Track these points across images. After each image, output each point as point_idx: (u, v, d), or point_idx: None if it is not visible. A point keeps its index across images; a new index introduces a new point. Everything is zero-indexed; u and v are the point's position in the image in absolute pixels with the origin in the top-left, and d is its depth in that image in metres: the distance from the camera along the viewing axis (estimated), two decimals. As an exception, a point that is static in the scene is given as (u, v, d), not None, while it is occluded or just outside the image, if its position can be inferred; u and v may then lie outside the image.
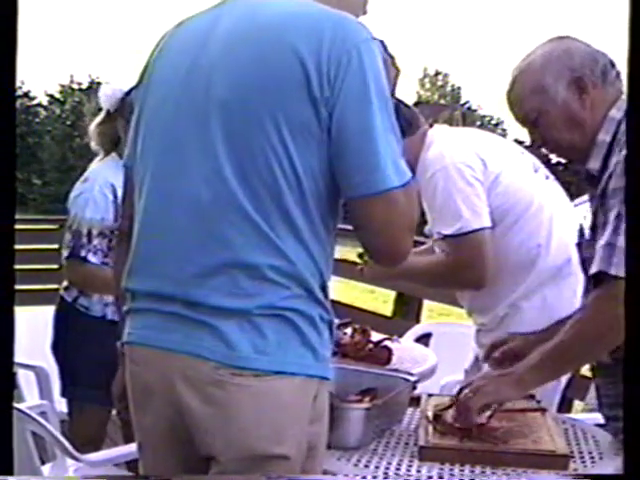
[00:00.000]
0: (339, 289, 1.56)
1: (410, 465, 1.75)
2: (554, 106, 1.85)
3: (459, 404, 1.83)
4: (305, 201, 1.43)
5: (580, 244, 1.92)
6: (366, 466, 1.75)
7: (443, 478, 1.70)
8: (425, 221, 2.50)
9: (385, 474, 1.72)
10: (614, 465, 1.77)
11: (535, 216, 2.42)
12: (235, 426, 1.42)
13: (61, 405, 2.97)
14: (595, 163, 1.81)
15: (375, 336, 2.69)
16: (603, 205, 1.74)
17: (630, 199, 1.35)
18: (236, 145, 1.43)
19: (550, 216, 2.44)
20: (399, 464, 1.76)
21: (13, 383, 2.86)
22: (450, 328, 3.59)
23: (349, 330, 2.68)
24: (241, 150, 1.42)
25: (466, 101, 51.61)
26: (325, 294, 1.49)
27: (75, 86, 43.80)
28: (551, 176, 2.56)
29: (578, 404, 3.37)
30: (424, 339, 3.50)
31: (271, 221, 1.42)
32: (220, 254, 1.43)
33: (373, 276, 2.82)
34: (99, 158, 2.91)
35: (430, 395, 2.10)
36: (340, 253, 2.65)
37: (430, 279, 2.61)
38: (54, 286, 3.09)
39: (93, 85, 43.28)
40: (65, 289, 2.89)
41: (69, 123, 42.23)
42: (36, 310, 3.61)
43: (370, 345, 2.61)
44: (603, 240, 1.69)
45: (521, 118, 1.91)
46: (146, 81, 1.60)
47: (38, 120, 42.71)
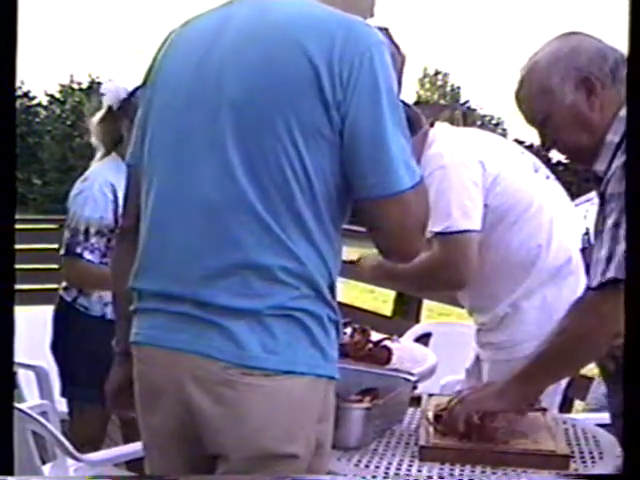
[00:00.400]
0: (339, 289, 1.55)
1: (410, 465, 1.75)
2: (561, 108, 1.79)
3: (447, 411, 1.83)
4: (316, 202, 1.43)
5: (585, 249, 1.88)
6: (366, 466, 1.75)
7: (443, 478, 1.70)
8: None
9: (385, 474, 1.72)
10: (614, 465, 1.77)
11: (535, 216, 2.42)
12: (246, 425, 1.42)
13: (61, 405, 2.97)
14: (602, 164, 1.75)
15: (375, 336, 2.69)
16: (603, 209, 1.70)
17: (630, 204, 1.33)
18: (247, 146, 1.43)
19: (550, 216, 2.43)
20: (399, 464, 1.76)
21: (13, 383, 2.86)
22: (450, 328, 3.59)
23: (349, 330, 2.68)
24: (252, 151, 1.42)
25: (466, 101, 51.57)
26: (333, 294, 1.50)
27: (75, 86, 43.77)
28: (552, 176, 2.56)
29: (578, 404, 3.37)
30: (424, 339, 3.49)
31: (282, 222, 1.42)
32: (230, 255, 1.43)
33: (364, 271, 2.75)
34: (99, 157, 2.91)
35: (431, 395, 2.10)
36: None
37: (412, 278, 2.58)
38: (54, 286, 3.09)
39: (93, 85, 43.27)
40: (64, 289, 2.89)
41: (69, 123, 42.19)
42: (36, 310, 3.61)
43: (370, 345, 2.61)
44: (603, 251, 1.63)
45: (529, 119, 1.87)
46: (152, 80, 1.59)
47: (38, 120, 42.68)
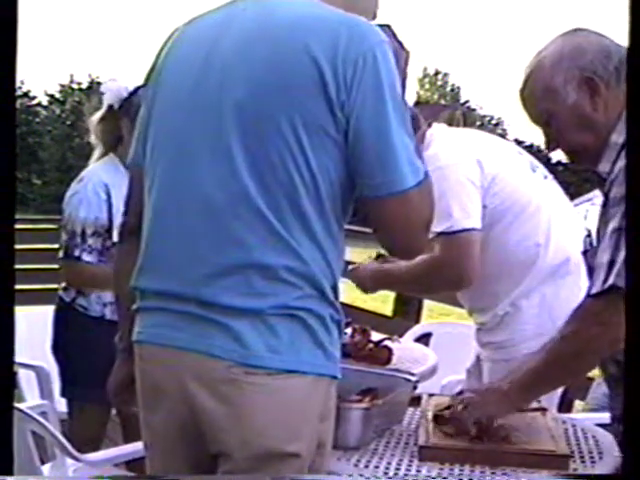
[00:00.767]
0: (339, 289, 1.55)
1: (410, 465, 1.75)
2: (565, 108, 1.76)
3: (453, 415, 1.83)
4: (320, 202, 1.43)
5: (586, 252, 1.86)
6: (366, 466, 1.75)
7: (443, 478, 1.70)
8: None
9: (385, 474, 1.72)
10: (614, 465, 1.77)
11: (533, 216, 2.42)
12: (249, 424, 1.43)
13: (61, 405, 2.97)
14: (605, 165, 1.72)
15: (375, 336, 2.69)
16: (605, 213, 1.67)
17: (630, 207, 1.31)
18: (251, 145, 1.42)
19: (548, 215, 2.44)
20: (399, 464, 1.76)
21: (13, 383, 2.86)
22: (450, 328, 3.59)
23: (349, 330, 2.68)
24: (256, 150, 1.42)
25: (466, 101, 51.59)
26: (336, 294, 1.50)
27: (75, 86, 43.77)
28: (549, 175, 2.56)
29: (578, 404, 3.37)
30: (424, 339, 3.50)
31: (286, 221, 1.42)
32: (234, 254, 1.43)
33: (364, 279, 2.72)
34: (96, 156, 2.91)
35: (431, 395, 2.10)
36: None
37: (414, 279, 2.54)
38: (54, 286, 3.09)
39: (93, 85, 43.27)
40: (64, 289, 2.89)
41: (69, 123, 42.18)
42: (36, 310, 3.61)
43: (370, 345, 2.61)
44: (605, 257, 1.60)
45: (533, 118, 1.85)
46: (154, 79, 1.59)
47: (38, 120, 42.67)
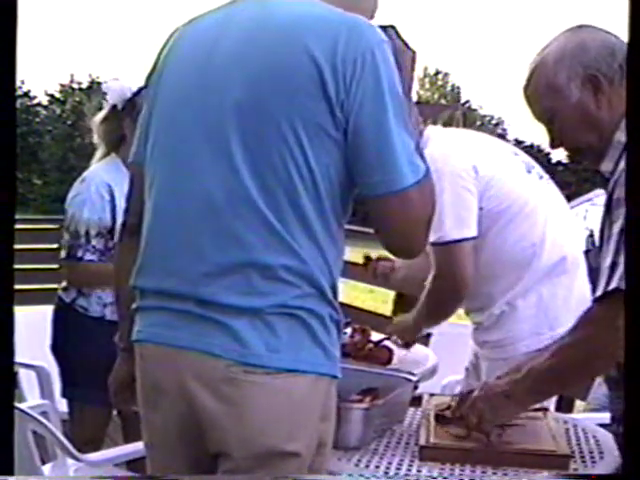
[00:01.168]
0: (339, 289, 1.55)
1: (410, 465, 1.75)
2: (568, 106, 1.74)
3: (460, 416, 1.81)
4: (320, 201, 1.44)
5: (588, 252, 1.84)
6: (367, 466, 1.75)
7: (443, 478, 1.70)
8: None
9: (385, 474, 1.72)
10: (614, 465, 1.77)
11: (529, 216, 2.43)
12: (248, 423, 1.43)
13: (62, 405, 2.97)
14: (608, 165, 1.69)
15: (375, 336, 2.69)
16: (608, 214, 1.64)
17: (631, 208, 1.30)
18: (251, 145, 1.43)
19: (544, 215, 2.45)
20: (399, 464, 1.76)
21: (14, 383, 2.86)
22: (450, 328, 3.57)
23: (349, 330, 2.68)
24: (256, 150, 1.42)
25: (466, 101, 51.61)
26: (335, 294, 1.50)
27: (75, 86, 43.79)
28: (545, 175, 2.56)
29: (579, 404, 3.37)
30: (424, 339, 3.49)
31: (285, 221, 1.42)
32: (233, 253, 1.43)
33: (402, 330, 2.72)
34: (98, 156, 2.91)
35: (432, 395, 2.10)
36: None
37: (426, 306, 2.53)
38: (54, 286, 3.09)
39: (93, 85, 43.29)
40: (63, 290, 2.88)
41: (69, 123, 42.19)
42: (36, 310, 3.62)
43: (370, 345, 2.61)
44: (607, 260, 1.57)
45: (537, 116, 1.83)
46: (155, 79, 1.59)
47: (38, 120, 42.68)
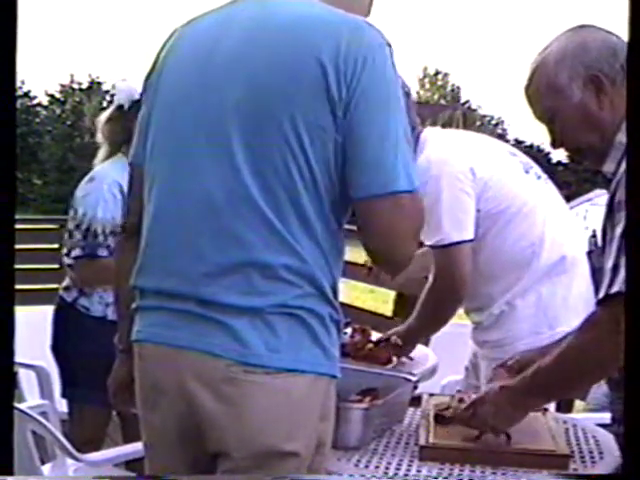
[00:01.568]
0: (339, 289, 1.55)
1: (410, 465, 1.75)
2: (569, 106, 1.73)
3: (458, 418, 1.81)
4: (320, 201, 1.43)
5: (591, 252, 1.83)
6: (366, 466, 1.75)
7: (443, 478, 1.70)
8: None
9: (385, 474, 1.72)
10: (614, 465, 1.77)
11: (527, 216, 2.43)
12: (248, 423, 1.43)
13: (62, 405, 2.97)
14: (610, 166, 1.66)
15: (375, 336, 2.69)
16: (611, 216, 1.62)
17: (631, 212, 1.29)
18: (252, 144, 1.43)
19: (543, 215, 2.45)
20: (399, 464, 1.76)
21: (14, 383, 2.86)
22: (450, 328, 3.55)
23: (349, 330, 2.68)
24: (257, 149, 1.42)
25: (466, 101, 51.62)
26: (335, 294, 1.50)
27: (75, 86, 43.79)
28: (543, 175, 2.56)
29: (579, 404, 3.37)
30: (424, 339, 3.49)
31: (286, 220, 1.42)
32: (234, 253, 1.43)
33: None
34: (102, 156, 2.89)
35: (431, 395, 2.10)
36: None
37: (424, 309, 2.56)
38: (54, 286, 3.09)
39: (93, 85, 43.30)
40: (65, 289, 2.88)
41: (69, 123, 42.20)
42: (36, 310, 3.62)
43: (370, 345, 2.61)
44: (610, 262, 1.55)
45: (538, 116, 1.82)
46: (155, 80, 1.59)
47: (38, 120, 42.68)
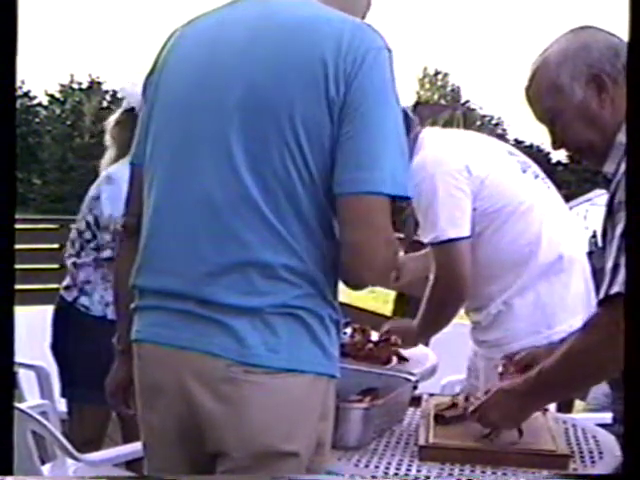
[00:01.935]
0: (339, 289, 1.55)
1: (410, 465, 1.75)
2: (571, 106, 1.72)
3: (461, 415, 1.82)
4: (319, 201, 1.43)
5: (592, 253, 1.82)
6: (366, 466, 1.75)
7: (443, 478, 1.70)
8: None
9: (385, 474, 1.72)
10: (614, 465, 1.77)
11: (524, 215, 2.43)
12: (247, 423, 1.43)
13: (62, 405, 2.97)
14: (611, 166, 1.65)
15: (375, 336, 2.69)
16: (610, 216, 1.61)
17: (631, 210, 1.29)
18: (252, 145, 1.43)
19: (540, 214, 2.45)
20: (399, 464, 1.76)
21: (13, 383, 2.86)
22: (450, 328, 3.56)
23: (349, 330, 2.68)
24: (256, 149, 1.42)
25: (466, 101, 51.65)
26: (334, 294, 1.50)
27: (75, 86, 43.81)
28: (541, 175, 2.56)
29: (578, 404, 3.37)
30: (424, 339, 3.48)
31: (285, 220, 1.42)
32: (234, 253, 1.43)
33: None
34: (111, 157, 2.86)
35: (431, 395, 2.10)
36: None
37: (427, 306, 2.55)
38: (54, 286, 3.09)
39: (93, 85, 43.32)
40: (65, 289, 2.88)
41: (69, 123, 42.22)
42: (36, 310, 3.61)
43: (370, 345, 2.61)
44: (610, 262, 1.54)
45: (539, 116, 1.81)
46: (155, 80, 1.59)
47: (38, 120, 42.71)
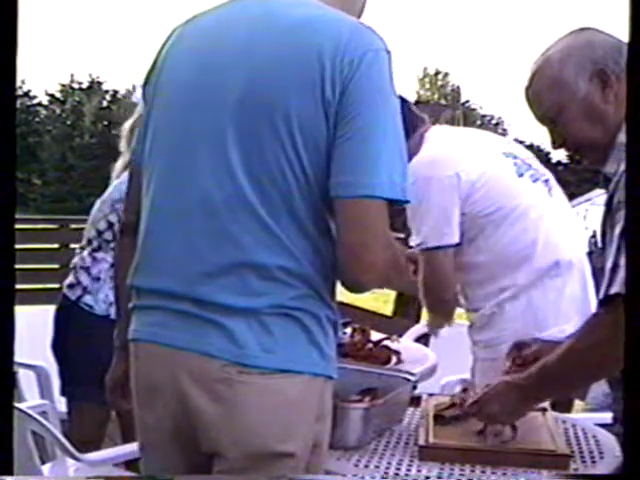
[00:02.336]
0: (339, 288, 1.56)
1: (410, 465, 1.75)
2: (575, 100, 1.72)
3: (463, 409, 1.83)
4: (315, 202, 1.43)
5: (591, 253, 1.82)
6: (366, 466, 1.75)
7: (443, 478, 1.70)
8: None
9: (385, 474, 1.72)
10: (614, 465, 1.77)
11: (519, 219, 2.41)
12: (242, 424, 1.43)
13: (61, 405, 2.97)
14: (612, 166, 1.63)
15: (375, 336, 2.69)
16: (610, 216, 1.61)
17: (631, 210, 1.28)
18: (247, 145, 1.43)
19: (537, 218, 2.42)
20: (399, 464, 1.76)
21: (13, 383, 2.86)
22: (450, 328, 3.57)
23: (349, 330, 2.68)
24: (252, 150, 1.42)
25: (466, 101, 51.67)
26: (332, 294, 1.49)
27: (75, 86, 43.84)
28: (542, 177, 2.53)
29: (578, 404, 3.37)
30: (424, 339, 3.49)
31: (281, 221, 1.42)
32: (230, 254, 1.43)
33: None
34: (125, 163, 2.83)
35: (431, 395, 2.10)
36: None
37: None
38: (54, 286, 3.09)
39: (93, 85, 43.34)
40: (69, 287, 2.87)
41: (69, 123, 42.25)
42: (36, 310, 3.61)
43: (370, 345, 2.61)
44: (609, 262, 1.54)
45: (540, 116, 1.81)
46: (154, 79, 1.59)
47: (38, 119, 42.74)
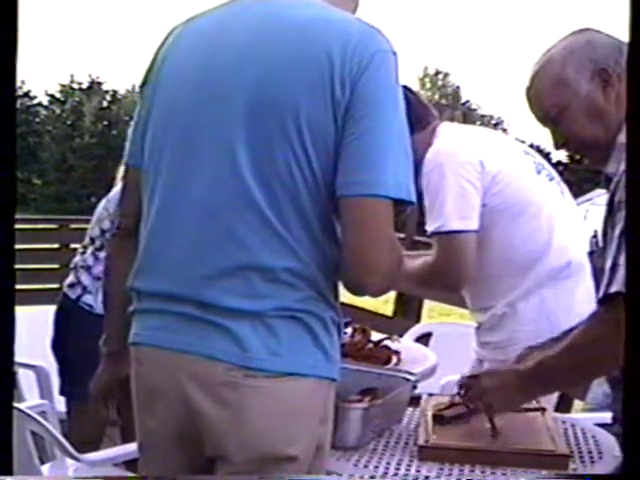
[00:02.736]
0: (339, 288, 1.55)
1: (410, 465, 1.75)
2: (576, 100, 1.73)
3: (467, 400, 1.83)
4: (322, 203, 1.41)
5: (592, 253, 1.82)
6: (366, 466, 1.75)
7: (443, 478, 1.70)
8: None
9: (385, 474, 1.72)
10: (614, 465, 1.77)
11: (535, 217, 2.39)
12: (247, 427, 1.41)
13: (61, 405, 2.97)
14: (613, 166, 1.64)
15: (375, 336, 2.69)
16: (610, 216, 1.61)
17: (631, 209, 1.28)
18: (254, 145, 1.41)
19: (551, 218, 2.41)
20: (399, 464, 1.76)
21: (13, 383, 2.86)
22: (450, 328, 3.58)
23: (349, 330, 2.68)
24: (260, 151, 1.41)
25: (466, 101, 51.68)
26: (336, 296, 1.49)
27: (75, 86, 43.83)
28: (556, 177, 2.52)
29: (578, 404, 3.37)
30: (424, 339, 3.49)
31: (288, 223, 1.40)
32: (235, 255, 1.41)
33: None
34: None
35: (430, 395, 2.10)
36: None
37: (418, 281, 2.52)
38: (54, 286, 3.09)
39: (93, 85, 43.33)
40: (69, 286, 2.87)
41: (69, 123, 42.24)
42: (36, 310, 3.61)
43: (370, 345, 2.61)
44: (609, 261, 1.54)
45: (541, 116, 1.81)
46: (153, 78, 1.57)
47: (38, 120, 42.74)
